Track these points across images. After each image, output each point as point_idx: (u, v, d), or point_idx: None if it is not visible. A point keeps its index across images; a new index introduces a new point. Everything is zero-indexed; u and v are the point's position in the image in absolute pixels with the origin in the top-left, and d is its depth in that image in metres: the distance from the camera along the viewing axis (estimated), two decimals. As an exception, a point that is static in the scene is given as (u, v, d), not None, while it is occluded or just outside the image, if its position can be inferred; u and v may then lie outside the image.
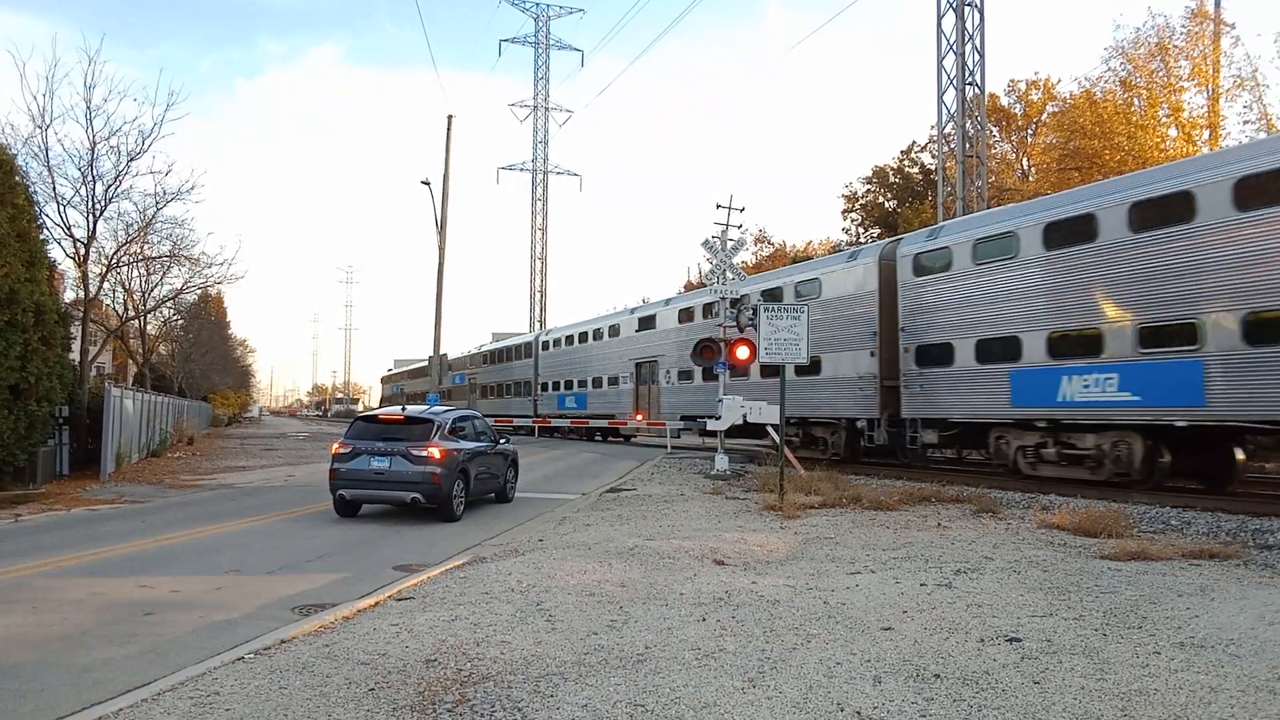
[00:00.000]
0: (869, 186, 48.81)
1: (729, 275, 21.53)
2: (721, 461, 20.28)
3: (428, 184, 32.39)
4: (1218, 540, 10.17)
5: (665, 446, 29.95)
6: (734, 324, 20.94)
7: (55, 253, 22.71)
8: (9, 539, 11.81)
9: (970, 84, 28.06)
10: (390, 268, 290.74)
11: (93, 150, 22.84)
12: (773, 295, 22.99)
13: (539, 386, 41.80)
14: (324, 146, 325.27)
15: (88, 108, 22.48)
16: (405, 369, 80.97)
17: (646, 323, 31.79)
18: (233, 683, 5.34)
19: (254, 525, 13.17)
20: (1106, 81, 31.77)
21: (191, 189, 27.07)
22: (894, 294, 19.15)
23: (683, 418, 28.34)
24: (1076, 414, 15.08)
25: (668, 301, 31.70)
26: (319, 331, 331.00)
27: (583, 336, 37.32)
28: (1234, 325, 12.69)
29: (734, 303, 21.26)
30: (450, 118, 32.94)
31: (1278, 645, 5.84)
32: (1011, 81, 42.30)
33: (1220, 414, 12.91)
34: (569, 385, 38.24)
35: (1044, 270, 15.75)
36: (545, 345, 41.60)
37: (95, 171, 23.14)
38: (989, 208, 27.56)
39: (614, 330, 34.56)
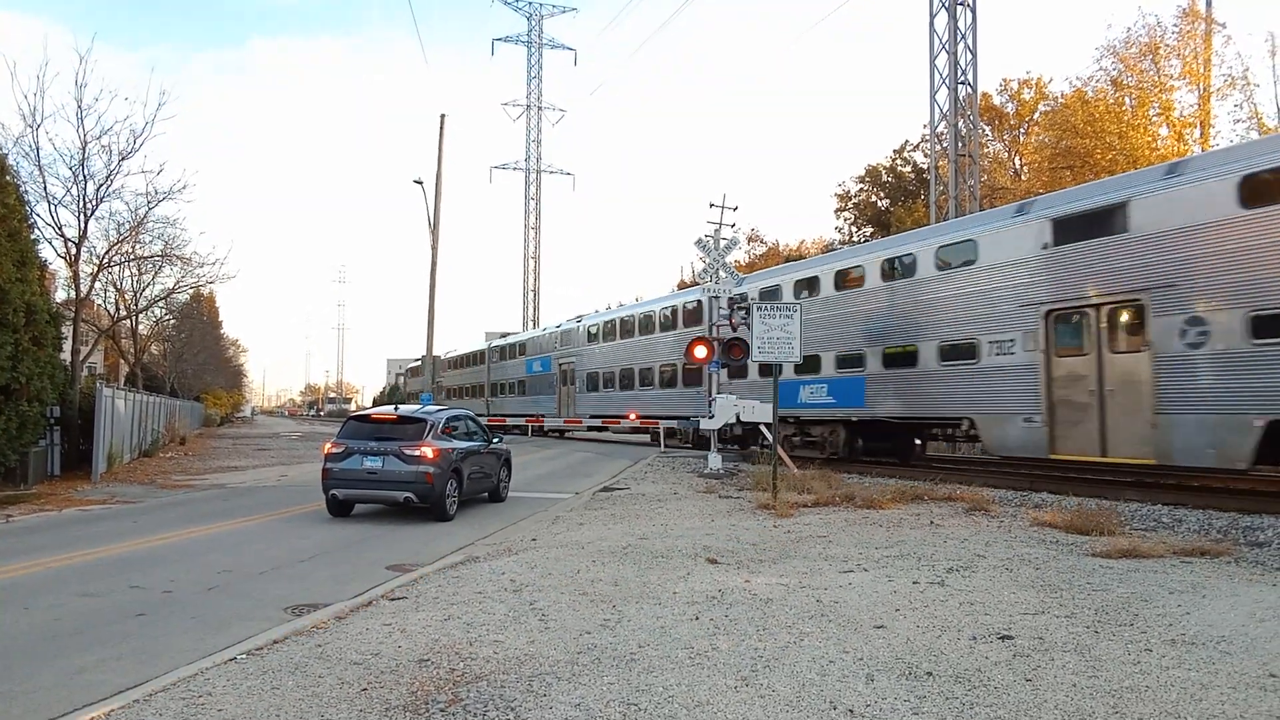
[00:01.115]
0: (862, 186, 48.93)
1: (722, 274, 21.55)
2: (715, 460, 20.30)
3: (420, 183, 32.35)
4: (1209, 538, 10.21)
5: (659, 447, 29.90)
6: (726, 323, 20.97)
7: (46, 252, 22.58)
8: (0, 540, 11.76)
9: (963, 83, 28.13)
10: (383, 267, 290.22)
11: (84, 149, 22.73)
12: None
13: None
14: (316, 146, 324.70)
15: (79, 107, 22.36)
16: (447, 356, 61.93)
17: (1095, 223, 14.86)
18: (225, 683, 5.33)
19: (246, 525, 13.14)
20: (1098, 81, 31.94)
21: (183, 188, 27.02)
22: None
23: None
24: None
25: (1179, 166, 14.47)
26: (311, 331, 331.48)
27: (844, 278, 20.71)
28: None
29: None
30: (443, 117, 32.89)
31: (1269, 642, 5.87)
32: (1004, 80, 42.40)
33: None
34: (801, 367, 20.42)
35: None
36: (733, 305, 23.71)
37: (86, 171, 23.02)
38: (982, 208, 27.66)
39: (978, 249, 17.08)
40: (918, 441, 21.21)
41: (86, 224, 23.67)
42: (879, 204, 47.32)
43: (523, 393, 42.80)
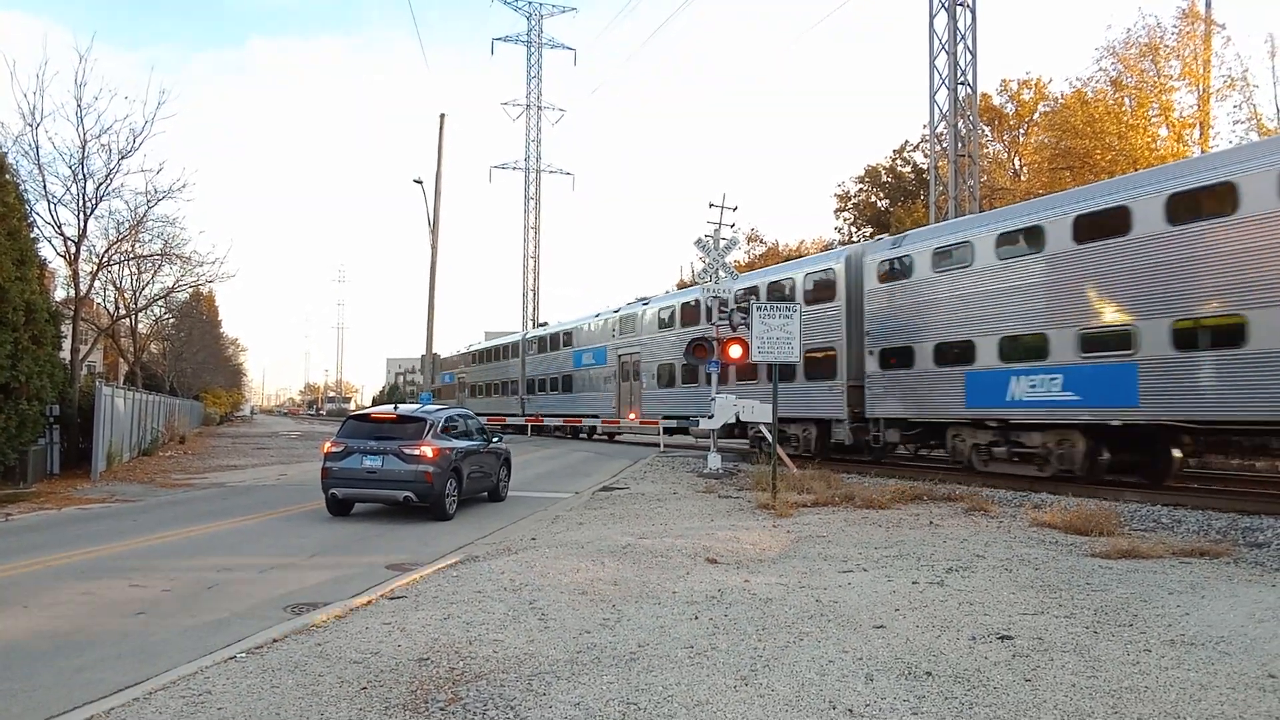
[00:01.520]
0: (861, 186, 48.93)
1: (722, 274, 21.55)
2: (714, 460, 20.31)
3: (420, 183, 32.31)
4: (1208, 538, 10.22)
5: (658, 445, 29.91)
6: (725, 323, 20.97)
7: (46, 251, 22.56)
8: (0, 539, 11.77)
9: (962, 83, 28.11)
10: (382, 267, 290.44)
11: (83, 148, 22.71)
12: None
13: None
14: (316, 145, 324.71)
15: (78, 106, 22.34)
16: (470, 350, 52.97)
17: None
18: (225, 682, 5.33)
19: (246, 524, 13.14)
20: (1097, 81, 31.94)
21: (183, 187, 26.98)
22: None
23: None
24: None
25: None
26: (311, 331, 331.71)
27: (1091, 225, 15.04)
28: None
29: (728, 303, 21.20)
30: (442, 116, 32.84)
31: (1268, 642, 5.88)
32: (1003, 81, 42.37)
33: None
34: (1010, 352, 16.28)
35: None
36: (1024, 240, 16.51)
37: (86, 169, 23.01)
38: (982, 208, 27.67)
39: None
40: (1176, 454, 15.11)
41: (86, 223, 23.69)
42: (879, 204, 47.32)
43: (568, 389, 37.30)
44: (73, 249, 23.83)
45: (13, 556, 10.20)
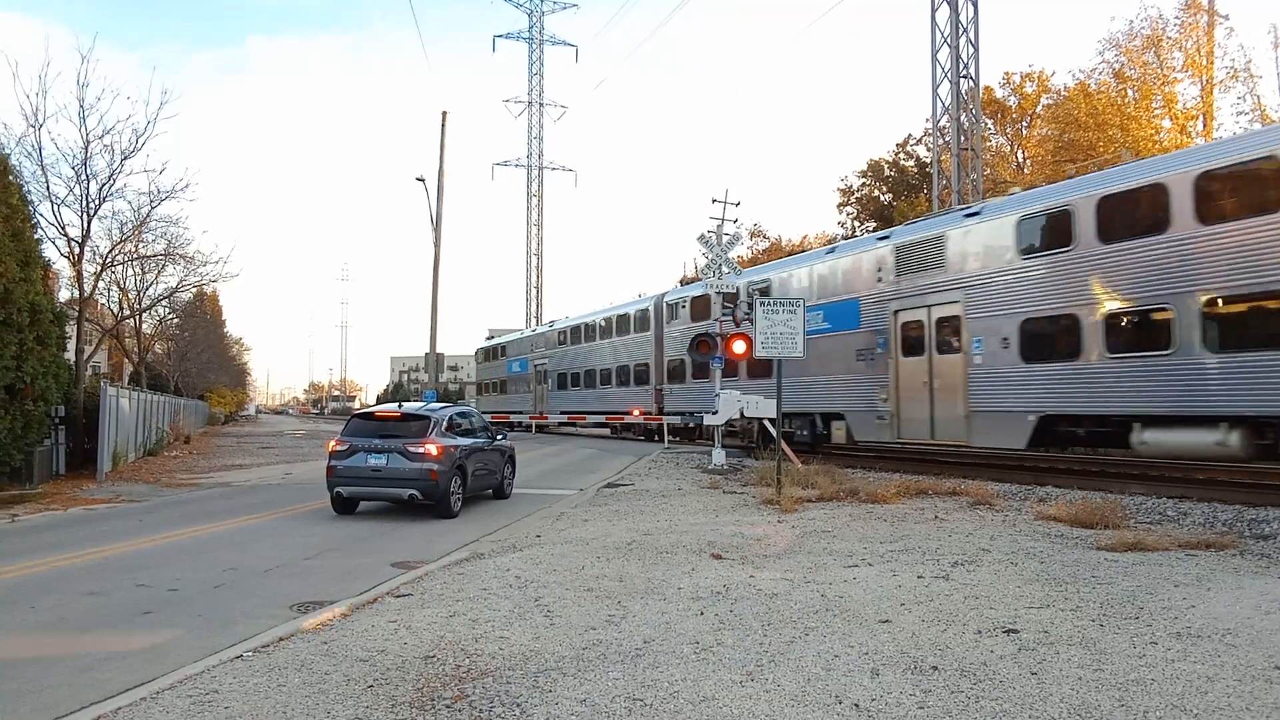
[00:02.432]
0: (864, 180, 48.88)
1: (725, 270, 21.51)
2: (719, 456, 20.29)
3: (423, 181, 32.33)
4: (1214, 531, 10.19)
5: (663, 441, 29.91)
6: (729, 318, 20.94)
7: (50, 252, 22.57)
8: (6, 539, 11.79)
9: (965, 77, 28.04)
10: (386, 265, 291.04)
11: (86, 149, 22.70)
12: None
13: None
14: (318, 144, 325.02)
15: (81, 106, 22.33)
16: (555, 327, 39.40)
17: None
18: (231, 681, 5.34)
19: (251, 523, 13.16)
20: (1101, 73, 31.90)
21: (185, 187, 27.01)
22: None
23: None
24: None
25: None
26: (315, 329, 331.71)
27: None
28: None
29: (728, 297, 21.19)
30: (445, 114, 32.87)
31: (1274, 634, 5.86)
32: (1006, 74, 42.29)
33: None
34: None
35: None
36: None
37: (89, 170, 23.00)
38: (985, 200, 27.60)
39: None
40: None
41: (89, 223, 23.68)
42: (881, 198, 47.25)
43: (758, 374, 22.54)
44: (76, 250, 23.84)
45: (20, 557, 10.23)
